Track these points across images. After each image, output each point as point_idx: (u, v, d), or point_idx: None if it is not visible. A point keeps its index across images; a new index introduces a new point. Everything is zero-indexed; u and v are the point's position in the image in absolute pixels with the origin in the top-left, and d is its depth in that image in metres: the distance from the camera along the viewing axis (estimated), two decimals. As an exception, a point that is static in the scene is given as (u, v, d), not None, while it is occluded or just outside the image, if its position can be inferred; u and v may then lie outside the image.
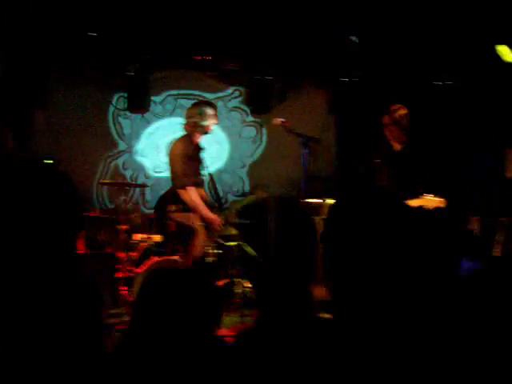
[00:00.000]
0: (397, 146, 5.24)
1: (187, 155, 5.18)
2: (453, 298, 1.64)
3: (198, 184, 5.34)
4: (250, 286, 5.83)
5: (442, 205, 4.69)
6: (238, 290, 5.73)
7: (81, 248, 5.68)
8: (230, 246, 5.82)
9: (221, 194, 5.56)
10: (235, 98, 8.27)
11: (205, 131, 5.32)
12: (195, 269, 4.74)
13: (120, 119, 7.89)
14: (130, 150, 7.94)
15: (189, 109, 5.40)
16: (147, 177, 7.90)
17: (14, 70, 6.82)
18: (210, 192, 5.86)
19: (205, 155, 5.49)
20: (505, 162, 6.98)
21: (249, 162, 8.39)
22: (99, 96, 7.79)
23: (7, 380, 1.62)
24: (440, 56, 7.21)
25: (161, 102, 7.99)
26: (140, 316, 1.95)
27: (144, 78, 7.53)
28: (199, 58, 7.54)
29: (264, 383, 1.70)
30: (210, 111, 5.30)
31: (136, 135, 7.94)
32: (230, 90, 8.22)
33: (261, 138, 8.37)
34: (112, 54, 7.17)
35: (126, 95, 7.66)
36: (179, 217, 5.19)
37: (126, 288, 5.42)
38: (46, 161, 6.03)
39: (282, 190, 8.05)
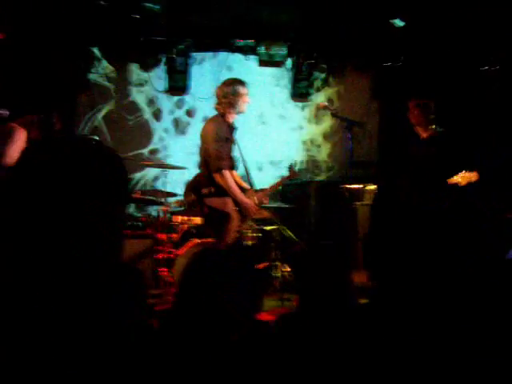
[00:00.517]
0: (423, 133, 5.16)
1: (221, 137, 4.92)
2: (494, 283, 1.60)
3: (232, 167, 5.10)
4: (289, 269, 5.83)
5: (474, 178, 4.66)
6: (278, 274, 5.74)
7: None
8: (269, 229, 5.81)
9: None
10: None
11: (238, 111, 5.05)
12: (237, 252, 4.71)
13: (160, 101, 7.92)
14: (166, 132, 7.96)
15: (220, 88, 5.05)
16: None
17: (58, 54, 6.88)
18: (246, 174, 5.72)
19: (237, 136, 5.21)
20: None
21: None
22: (141, 78, 7.83)
23: (56, 351, 1.64)
24: (486, 41, 7.02)
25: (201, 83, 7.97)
26: (184, 297, 1.96)
27: (185, 59, 7.53)
28: (241, 40, 7.49)
29: (302, 365, 1.69)
30: (242, 90, 5.02)
31: (174, 117, 7.95)
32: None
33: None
34: (155, 36, 7.18)
35: (166, 77, 7.67)
36: (212, 201, 4.97)
37: (166, 269, 5.47)
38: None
39: (324, 174, 8.01)
